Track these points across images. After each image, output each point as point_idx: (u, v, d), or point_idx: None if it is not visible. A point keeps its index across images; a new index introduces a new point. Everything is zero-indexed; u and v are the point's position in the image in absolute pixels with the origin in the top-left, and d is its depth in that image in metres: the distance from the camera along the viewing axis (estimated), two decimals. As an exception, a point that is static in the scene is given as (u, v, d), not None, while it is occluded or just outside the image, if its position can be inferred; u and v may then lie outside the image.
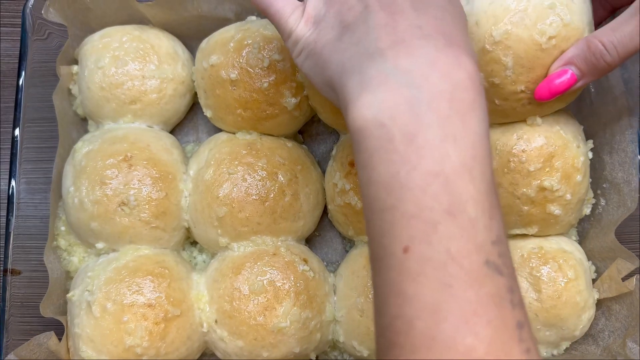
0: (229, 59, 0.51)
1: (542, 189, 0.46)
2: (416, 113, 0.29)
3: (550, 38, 0.41)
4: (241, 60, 0.50)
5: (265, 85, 0.50)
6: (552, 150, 0.47)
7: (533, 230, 0.49)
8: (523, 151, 0.47)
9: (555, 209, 0.47)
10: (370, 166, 0.31)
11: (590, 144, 0.50)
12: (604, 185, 0.52)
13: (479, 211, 0.29)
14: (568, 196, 0.47)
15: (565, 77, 0.42)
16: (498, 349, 0.27)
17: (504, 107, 0.45)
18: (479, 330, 0.27)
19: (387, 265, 0.30)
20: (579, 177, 0.47)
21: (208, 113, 0.53)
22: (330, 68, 0.35)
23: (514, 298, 0.29)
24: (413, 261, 0.28)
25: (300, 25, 0.37)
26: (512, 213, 0.48)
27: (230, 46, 0.51)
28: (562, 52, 0.42)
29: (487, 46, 0.42)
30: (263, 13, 0.40)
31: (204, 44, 0.54)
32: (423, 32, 0.32)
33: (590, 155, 0.50)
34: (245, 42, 0.51)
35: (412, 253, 0.29)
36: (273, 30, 0.51)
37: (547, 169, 0.46)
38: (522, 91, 0.44)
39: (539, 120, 0.47)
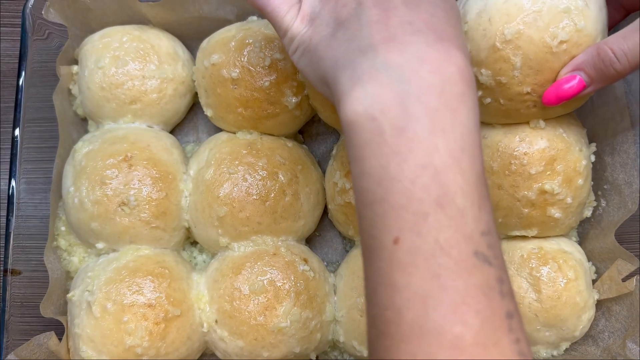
0: (230, 58, 0.51)
1: (543, 192, 0.46)
2: (406, 106, 0.30)
3: (562, 42, 0.41)
4: (242, 59, 0.50)
5: (267, 84, 0.50)
6: (554, 154, 0.46)
7: (533, 232, 0.49)
8: (525, 154, 0.46)
9: (555, 212, 0.47)
10: (361, 159, 0.31)
11: (593, 147, 0.50)
12: (605, 187, 0.52)
13: (468, 202, 0.29)
14: (569, 200, 0.47)
15: (574, 83, 0.41)
16: (487, 338, 0.28)
17: (508, 107, 0.45)
18: (468, 319, 0.28)
19: (378, 256, 0.30)
20: (580, 181, 0.47)
21: (209, 112, 0.53)
22: (324, 64, 0.35)
23: (503, 288, 0.29)
24: (403, 252, 0.29)
25: (296, 22, 0.38)
26: (512, 215, 0.48)
27: (231, 45, 0.51)
28: (572, 57, 0.42)
29: (498, 44, 0.42)
30: (260, 11, 0.40)
31: (204, 43, 0.54)
32: (414, 28, 0.32)
33: (593, 158, 0.50)
34: (247, 41, 0.51)
35: (401, 244, 0.29)
36: (274, 30, 0.51)
37: (548, 172, 0.46)
38: (527, 93, 0.43)
39: (542, 123, 0.47)
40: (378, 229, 0.30)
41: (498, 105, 0.45)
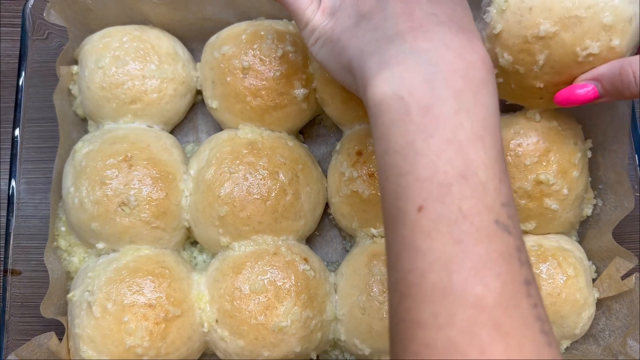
0: (242, 49, 0.52)
1: (539, 182, 0.47)
2: (432, 87, 0.32)
3: (590, 55, 0.41)
4: (255, 49, 0.52)
5: (277, 74, 0.51)
6: (548, 145, 0.48)
7: (531, 225, 0.49)
8: (519, 145, 0.48)
9: (552, 204, 0.48)
10: (387, 137, 0.33)
11: (590, 143, 0.51)
12: (600, 186, 0.53)
13: (490, 175, 0.31)
14: (565, 191, 0.48)
15: (588, 90, 0.42)
16: (507, 300, 0.29)
17: (516, 92, 0.45)
18: (489, 281, 0.29)
19: (402, 224, 0.31)
20: (575, 173, 0.48)
21: (214, 104, 0.53)
22: (348, 52, 0.37)
23: (521, 257, 0.31)
24: (427, 219, 0.30)
25: (317, 15, 0.40)
26: None
27: (242, 37, 0.52)
28: (594, 68, 0.42)
29: (529, 37, 0.41)
30: (281, 3, 0.42)
31: (213, 38, 0.54)
32: (438, 20, 0.35)
33: (589, 154, 0.51)
34: (260, 34, 0.52)
35: (425, 211, 0.30)
36: (284, 26, 0.53)
37: (543, 163, 0.47)
38: (539, 88, 0.44)
39: (537, 116, 0.48)
40: (402, 199, 0.32)
41: (507, 87, 0.45)
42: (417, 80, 0.32)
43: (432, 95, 0.32)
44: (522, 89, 0.45)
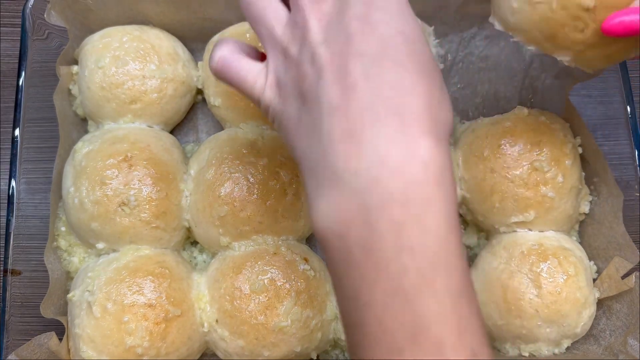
0: None
1: (534, 169, 0.49)
2: (369, 222, 0.28)
3: None
4: (259, 47, 0.51)
5: None
6: (540, 135, 0.50)
7: (531, 215, 0.50)
8: (512, 136, 0.50)
9: (548, 192, 0.49)
10: (336, 276, 0.30)
11: (579, 140, 0.52)
12: (595, 179, 0.53)
13: (446, 329, 0.27)
14: (560, 179, 0.49)
15: None
16: None
17: (556, 18, 0.37)
18: None
19: None
20: (568, 162, 0.50)
21: (217, 102, 0.54)
22: (294, 153, 0.34)
23: None
24: None
25: (266, 91, 0.35)
26: (508, 198, 0.50)
27: (247, 36, 0.53)
28: None
29: None
30: (230, 86, 0.38)
31: (216, 37, 0.55)
32: (374, 117, 0.29)
33: (580, 150, 0.52)
34: None
35: None
36: None
37: (535, 152, 0.50)
38: (587, 9, 0.36)
39: (525, 110, 0.52)
40: (358, 355, 0.29)
41: (546, 11, 0.37)
42: (353, 213, 0.28)
43: (370, 232, 0.27)
44: (565, 11, 0.36)
